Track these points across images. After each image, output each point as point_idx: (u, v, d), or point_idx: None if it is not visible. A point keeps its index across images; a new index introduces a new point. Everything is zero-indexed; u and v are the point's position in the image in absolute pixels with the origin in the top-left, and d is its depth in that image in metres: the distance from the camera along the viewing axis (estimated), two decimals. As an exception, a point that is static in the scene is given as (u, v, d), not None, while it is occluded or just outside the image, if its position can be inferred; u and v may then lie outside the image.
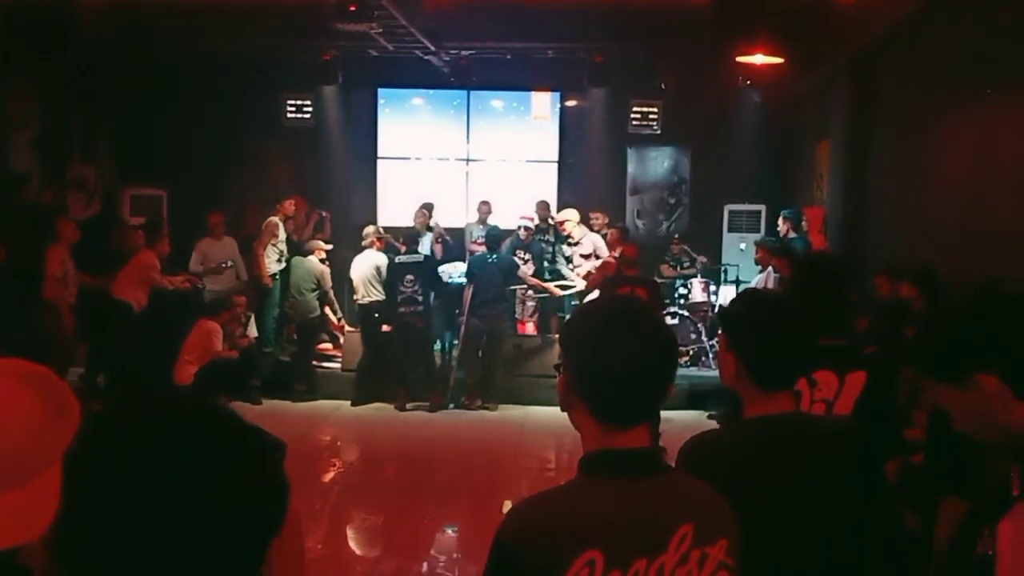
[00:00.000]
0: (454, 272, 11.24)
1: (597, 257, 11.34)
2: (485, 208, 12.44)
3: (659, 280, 10.87)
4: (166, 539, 1.00)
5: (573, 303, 11.50)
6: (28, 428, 1.15)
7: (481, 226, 12.31)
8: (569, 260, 11.56)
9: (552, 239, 11.78)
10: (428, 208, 12.09)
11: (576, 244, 11.50)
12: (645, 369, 1.79)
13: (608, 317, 1.86)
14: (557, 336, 10.68)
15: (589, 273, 10.90)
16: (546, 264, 11.66)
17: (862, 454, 2.33)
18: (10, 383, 1.34)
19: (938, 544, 3.53)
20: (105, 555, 1.00)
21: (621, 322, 1.83)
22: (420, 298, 10.46)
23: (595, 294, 10.21)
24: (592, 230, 11.81)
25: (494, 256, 10.73)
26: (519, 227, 11.71)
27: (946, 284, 7.62)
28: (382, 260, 10.78)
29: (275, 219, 11.35)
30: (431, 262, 10.93)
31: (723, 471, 2.06)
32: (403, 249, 10.87)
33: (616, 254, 10.36)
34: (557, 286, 11.31)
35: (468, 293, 10.55)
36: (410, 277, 10.44)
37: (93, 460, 1.03)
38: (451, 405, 10.64)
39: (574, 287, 11.21)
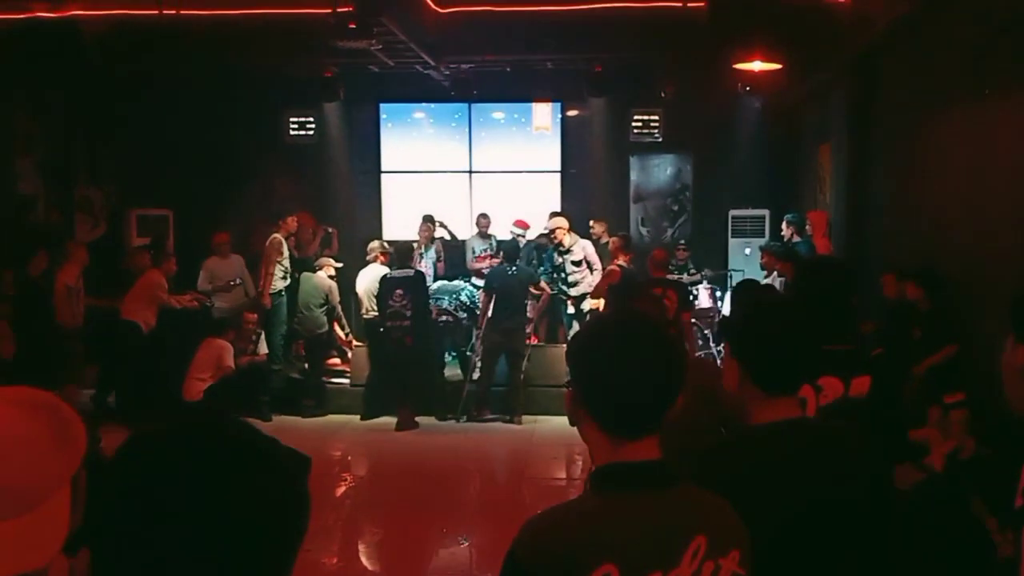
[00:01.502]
0: (449, 293, 11.25)
1: (588, 263, 11.35)
2: (485, 221, 12.48)
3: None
4: (191, 546, 1.04)
5: (569, 312, 11.54)
6: (32, 457, 1.18)
7: (482, 239, 12.36)
8: (561, 269, 11.52)
9: (550, 246, 11.79)
10: (429, 220, 12.13)
11: (567, 252, 11.49)
12: (652, 380, 1.81)
13: (614, 330, 1.88)
14: (564, 347, 10.71)
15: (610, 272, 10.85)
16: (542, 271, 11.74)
17: (867, 458, 2.34)
18: (14, 411, 1.37)
19: None
20: (135, 564, 1.04)
21: (627, 334, 1.85)
22: (408, 313, 10.44)
23: (601, 303, 10.26)
24: (591, 239, 11.82)
25: (514, 268, 10.75)
26: (515, 235, 11.87)
27: (950, 285, 7.66)
28: None
29: (279, 236, 11.39)
30: (421, 277, 10.92)
31: (730, 479, 2.09)
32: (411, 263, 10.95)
33: (620, 262, 10.39)
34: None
35: (488, 306, 10.54)
36: (400, 291, 10.44)
37: (125, 474, 1.07)
38: (463, 418, 10.64)
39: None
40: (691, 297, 10.78)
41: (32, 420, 1.36)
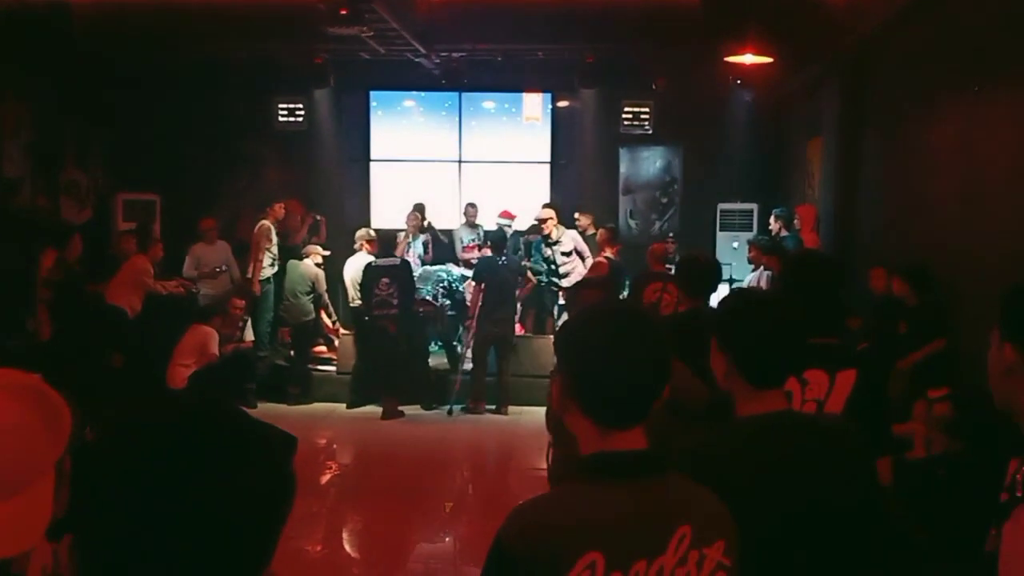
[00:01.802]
0: (430, 280, 11.20)
1: (579, 253, 11.38)
2: (473, 211, 12.47)
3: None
4: (177, 527, 1.03)
5: (561, 303, 11.55)
6: (18, 441, 1.17)
7: (470, 229, 12.34)
8: (552, 260, 11.53)
9: (538, 238, 11.81)
10: (420, 209, 12.11)
11: (556, 243, 11.50)
12: (641, 372, 1.82)
13: (604, 322, 1.88)
14: (551, 338, 10.71)
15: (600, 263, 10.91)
16: (524, 263, 11.76)
17: (853, 451, 2.35)
18: (1, 396, 1.35)
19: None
20: (120, 546, 1.04)
21: (616, 326, 1.85)
22: (395, 301, 10.41)
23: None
24: (577, 231, 11.85)
25: (503, 259, 10.74)
26: (501, 226, 11.87)
27: (938, 279, 7.69)
28: None
29: (267, 223, 11.35)
30: (407, 265, 10.89)
31: (715, 470, 2.09)
32: (397, 251, 10.91)
33: (607, 254, 10.41)
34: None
35: (479, 297, 10.53)
36: (385, 280, 10.41)
37: (107, 455, 1.06)
38: (459, 408, 10.61)
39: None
40: None
41: (18, 404, 1.35)
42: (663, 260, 9.51)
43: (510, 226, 12.15)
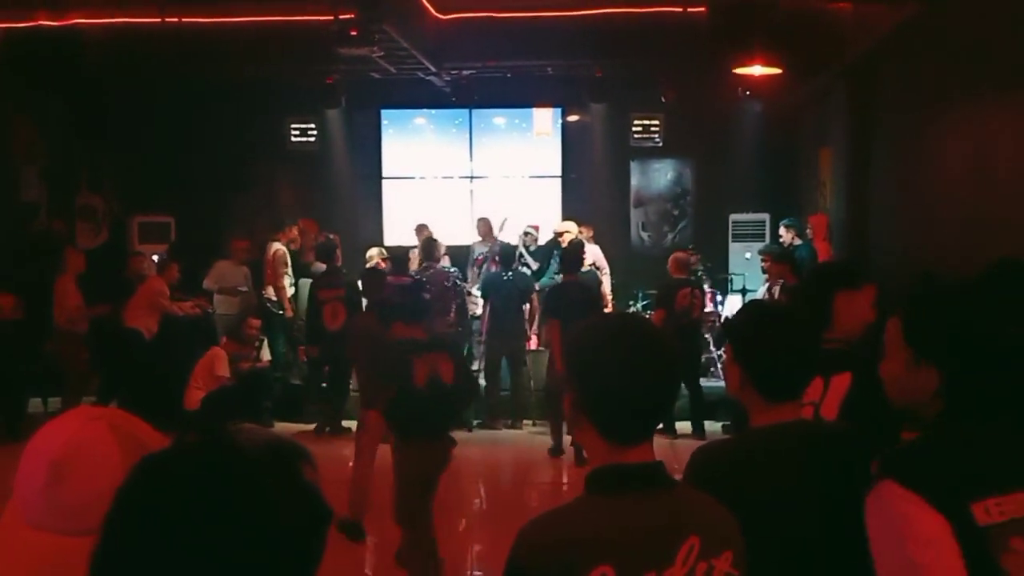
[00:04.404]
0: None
1: (597, 268, 11.40)
2: (484, 225, 12.44)
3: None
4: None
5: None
6: (112, 480, 1.19)
7: (483, 243, 12.34)
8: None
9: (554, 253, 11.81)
10: (427, 230, 12.19)
11: None
12: (651, 388, 1.83)
13: (614, 337, 1.89)
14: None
15: None
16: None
17: (866, 459, 2.36)
18: (107, 434, 1.39)
19: None
20: None
21: (627, 342, 1.86)
22: None
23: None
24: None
25: (509, 273, 10.72)
26: (524, 233, 11.86)
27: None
28: None
29: (282, 248, 11.37)
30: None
31: (728, 481, 2.10)
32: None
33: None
34: None
35: (486, 312, 10.52)
36: None
37: (133, 500, 1.07)
38: (475, 423, 10.57)
39: None
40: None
41: (118, 447, 1.39)
42: (686, 267, 9.87)
43: (533, 234, 12.07)
